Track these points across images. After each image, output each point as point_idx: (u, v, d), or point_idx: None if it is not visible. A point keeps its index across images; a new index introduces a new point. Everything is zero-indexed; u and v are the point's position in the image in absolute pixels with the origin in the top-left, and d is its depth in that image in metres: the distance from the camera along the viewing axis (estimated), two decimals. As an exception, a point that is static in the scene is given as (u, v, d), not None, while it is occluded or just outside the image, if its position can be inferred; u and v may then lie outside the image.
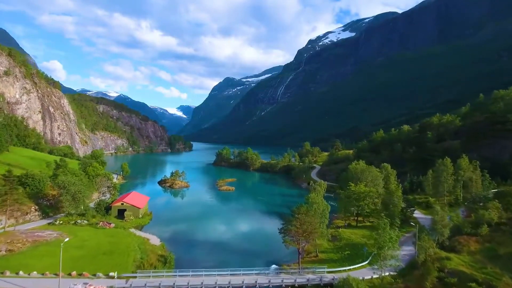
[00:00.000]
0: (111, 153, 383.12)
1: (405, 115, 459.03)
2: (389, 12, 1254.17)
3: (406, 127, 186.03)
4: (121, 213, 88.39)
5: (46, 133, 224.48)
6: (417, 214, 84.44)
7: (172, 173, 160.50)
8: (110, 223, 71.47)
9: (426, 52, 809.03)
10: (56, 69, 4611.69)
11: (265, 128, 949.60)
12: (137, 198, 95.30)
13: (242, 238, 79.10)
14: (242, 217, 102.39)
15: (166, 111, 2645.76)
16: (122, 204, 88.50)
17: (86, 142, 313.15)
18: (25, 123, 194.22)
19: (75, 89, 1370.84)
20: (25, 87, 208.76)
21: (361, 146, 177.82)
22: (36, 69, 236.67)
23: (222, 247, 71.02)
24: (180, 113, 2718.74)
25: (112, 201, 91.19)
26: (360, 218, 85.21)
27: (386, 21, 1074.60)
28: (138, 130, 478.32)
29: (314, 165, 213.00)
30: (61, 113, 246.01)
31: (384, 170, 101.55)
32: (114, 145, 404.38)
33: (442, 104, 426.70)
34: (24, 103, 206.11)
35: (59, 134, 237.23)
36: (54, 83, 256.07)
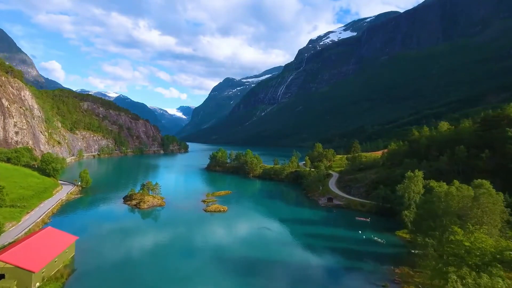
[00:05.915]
0: (94, 155, 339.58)
1: (412, 115, 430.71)
2: (391, 11, 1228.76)
3: (451, 122, 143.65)
4: (-3, 281, 45.12)
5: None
6: None
7: (142, 186, 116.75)
8: None
9: (430, 51, 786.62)
10: (55, 69, 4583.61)
11: (265, 128, 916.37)
12: (39, 248, 51.04)
13: None
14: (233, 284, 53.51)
15: (166, 111, 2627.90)
16: (-3, 264, 45.14)
17: (59, 143, 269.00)
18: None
19: (74, 89, 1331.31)
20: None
21: (396, 149, 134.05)
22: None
23: None
24: (179, 114, 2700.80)
25: (-15, 256, 47.68)
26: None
27: (388, 20, 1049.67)
28: (127, 130, 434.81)
29: (330, 171, 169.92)
30: (20, 107, 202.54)
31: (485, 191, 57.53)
32: (98, 146, 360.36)
33: (451, 104, 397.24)
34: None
35: (16, 133, 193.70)
36: (12, 72, 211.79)
